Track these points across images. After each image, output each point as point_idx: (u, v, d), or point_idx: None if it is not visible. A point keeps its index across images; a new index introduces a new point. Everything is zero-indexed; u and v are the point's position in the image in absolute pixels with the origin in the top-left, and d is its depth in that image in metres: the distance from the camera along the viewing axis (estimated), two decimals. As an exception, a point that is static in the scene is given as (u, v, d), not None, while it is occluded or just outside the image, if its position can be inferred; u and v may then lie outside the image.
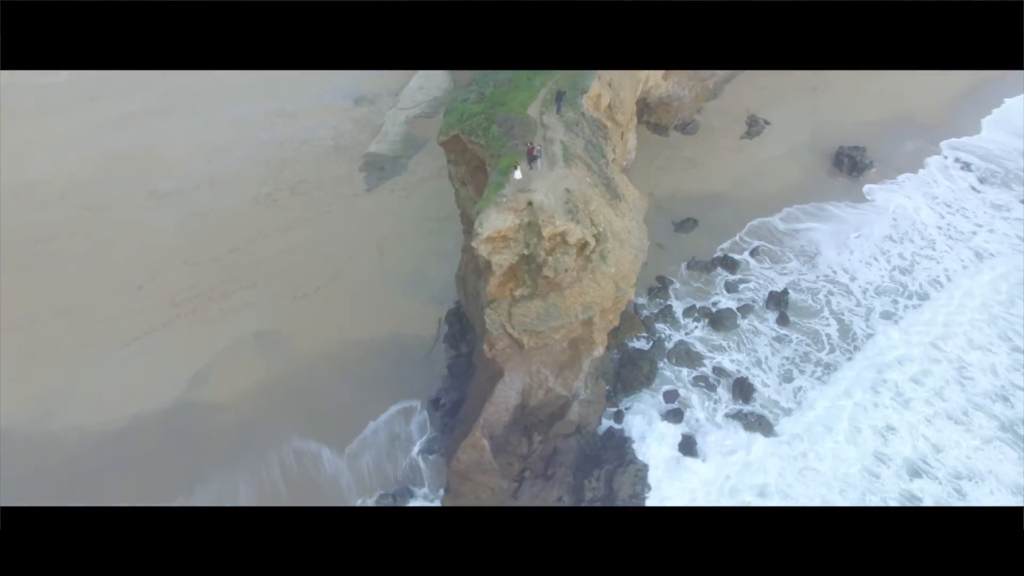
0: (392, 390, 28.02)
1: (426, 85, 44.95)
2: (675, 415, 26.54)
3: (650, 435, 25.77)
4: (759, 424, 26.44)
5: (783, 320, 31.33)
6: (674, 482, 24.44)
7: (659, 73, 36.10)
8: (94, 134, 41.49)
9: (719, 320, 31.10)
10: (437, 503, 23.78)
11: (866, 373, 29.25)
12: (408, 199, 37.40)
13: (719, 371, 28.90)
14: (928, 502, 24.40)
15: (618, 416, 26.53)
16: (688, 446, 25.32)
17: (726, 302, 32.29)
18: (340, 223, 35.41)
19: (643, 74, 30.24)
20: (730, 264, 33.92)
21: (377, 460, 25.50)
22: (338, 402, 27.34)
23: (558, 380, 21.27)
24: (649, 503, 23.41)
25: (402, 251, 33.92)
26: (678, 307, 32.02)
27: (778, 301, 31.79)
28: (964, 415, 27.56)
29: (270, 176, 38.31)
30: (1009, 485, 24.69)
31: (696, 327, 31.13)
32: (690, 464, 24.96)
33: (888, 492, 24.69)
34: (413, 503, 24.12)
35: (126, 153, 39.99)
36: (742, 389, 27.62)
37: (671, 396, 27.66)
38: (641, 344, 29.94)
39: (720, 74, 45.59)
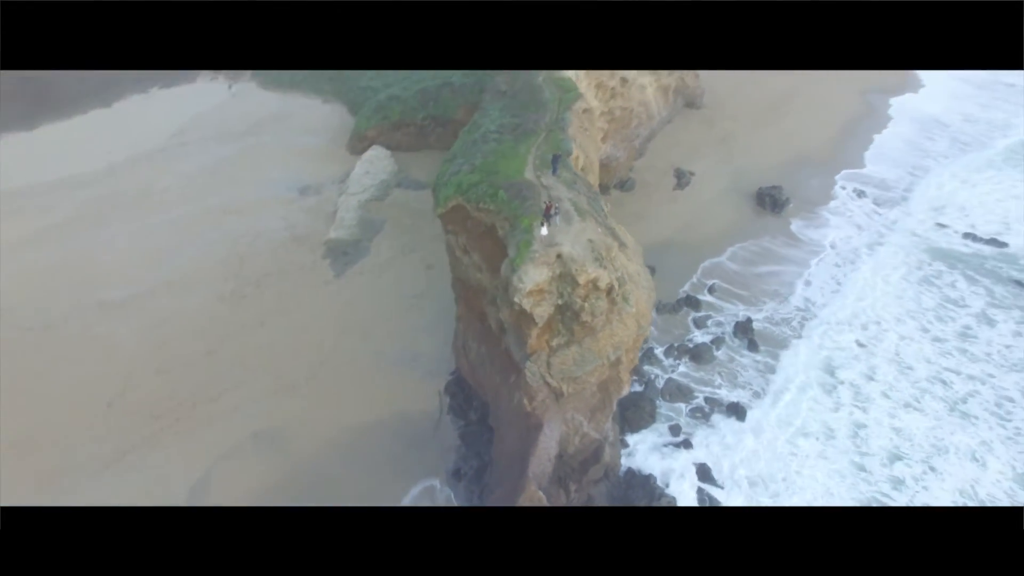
0: (408, 471, 28.83)
1: (372, 170, 47.78)
2: (685, 446, 29.52)
3: (668, 470, 28.45)
4: (756, 438, 30.07)
5: (753, 346, 35.73)
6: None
7: (599, 136, 41.38)
8: (18, 251, 40.18)
9: (698, 355, 35.04)
10: None
11: (821, 377, 34.07)
12: (379, 280, 39.22)
13: (711, 400, 32.52)
14: (909, 482, 28.72)
15: (630, 456, 29.07)
16: (705, 473, 28.25)
17: (699, 337, 36.37)
18: (316, 311, 36.47)
19: (598, 137, 34.90)
20: (694, 303, 38.41)
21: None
22: (355, 492, 27.70)
23: (591, 424, 23.68)
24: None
25: (385, 331, 35.40)
26: (658, 349, 35.63)
27: (745, 330, 36.38)
28: (916, 401, 32.76)
29: (230, 273, 38.83)
30: (967, 453, 30.01)
31: (679, 364, 34.83)
32: (711, 490, 27.77)
33: (878, 479, 28.72)
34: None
35: (61, 266, 39.09)
36: (736, 411, 31.19)
37: (675, 430, 30.76)
38: (635, 387, 32.98)
39: (644, 133, 52.22)
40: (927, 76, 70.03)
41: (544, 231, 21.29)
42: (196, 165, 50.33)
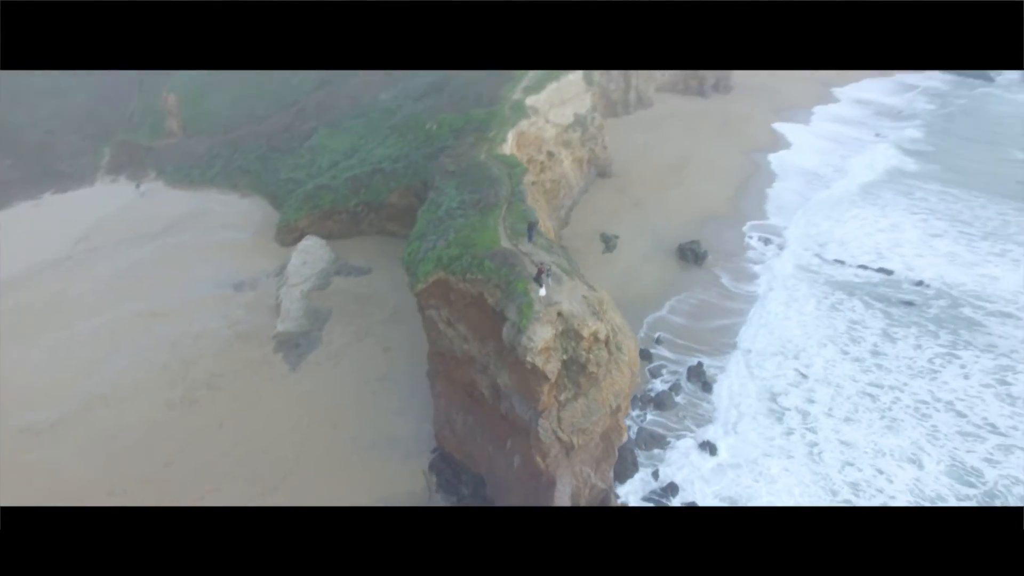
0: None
1: (309, 259, 48.54)
2: (671, 489, 31.99)
3: (661, 510, 30.61)
4: (730, 468, 33.35)
5: (707, 388, 39.59)
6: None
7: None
8: (-88, 383, 36.54)
9: (661, 402, 38.28)
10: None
11: (768, 406, 38.34)
12: (337, 368, 39.53)
13: (684, 442, 35.42)
14: (864, 487, 32.97)
15: (625, 505, 31.07)
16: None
17: (659, 386, 39.75)
18: (277, 407, 36.08)
19: (545, 206, 38.54)
20: (646, 355, 42.01)
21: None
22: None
23: (598, 475, 25.60)
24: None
25: (355, 418, 35.68)
26: (623, 400, 38.49)
27: (697, 374, 40.28)
28: (853, 414, 37.80)
29: (176, 378, 37.59)
30: (904, 455, 34.94)
31: (646, 414, 37.73)
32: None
33: (839, 487, 32.75)
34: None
35: (-31, 394, 35.91)
36: (709, 448, 34.33)
37: (657, 475, 33.16)
38: (612, 439, 35.39)
39: (568, 204, 57.24)
40: (792, 136, 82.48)
41: (543, 292, 23.80)
42: (111, 270, 48.55)
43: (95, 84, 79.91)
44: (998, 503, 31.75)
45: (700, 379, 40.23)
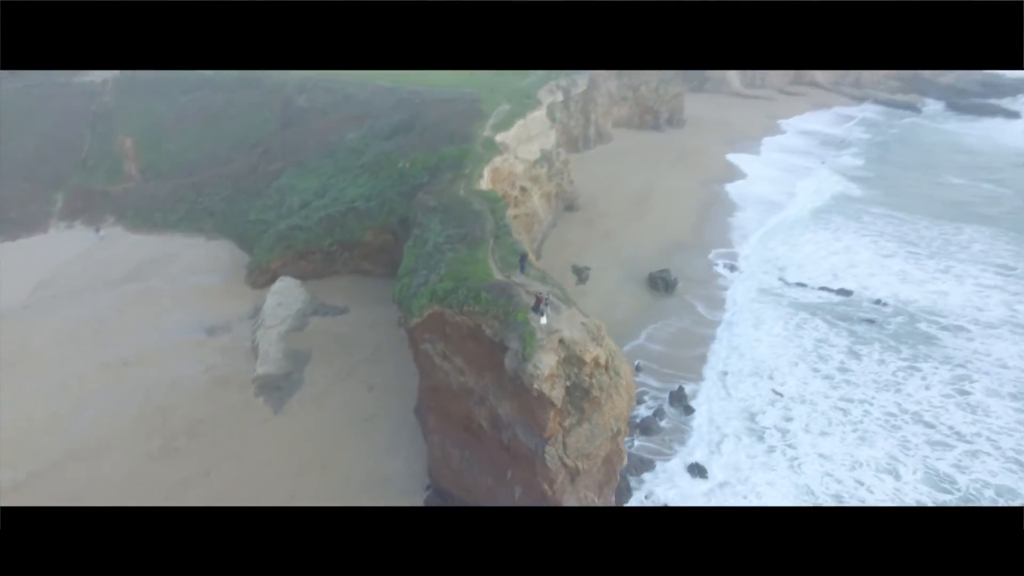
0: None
1: (284, 300, 48.38)
2: (665, 509, 32.84)
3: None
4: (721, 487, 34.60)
5: (689, 411, 41.02)
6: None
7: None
8: None
9: (647, 428, 39.44)
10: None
11: (748, 425, 40.01)
12: (322, 409, 39.36)
13: (672, 465, 36.54)
14: (846, 497, 34.49)
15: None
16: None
17: (643, 412, 40.96)
18: (264, 451, 35.63)
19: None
20: (628, 380, 43.25)
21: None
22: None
23: (601, 499, 26.33)
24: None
25: (345, 459, 35.54)
26: (610, 427, 39.51)
27: (679, 398, 41.71)
28: (828, 429, 39.67)
29: (154, 428, 36.73)
30: (880, 466, 36.84)
31: (633, 440, 38.77)
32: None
33: (822, 498, 34.38)
34: None
35: (-72, 457, 34.19)
36: (698, 470, 35.53)
37: (650, 498, 34.05)
38: (603, 465, 36.25)
39: (539, 237, 58.86)
40: (746, 166, 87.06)
41: (544, 321, 24.81)
42: (74, 318, 47.21)
43: (43, 129, 78.11)
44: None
45: (682, 403, 41.66)
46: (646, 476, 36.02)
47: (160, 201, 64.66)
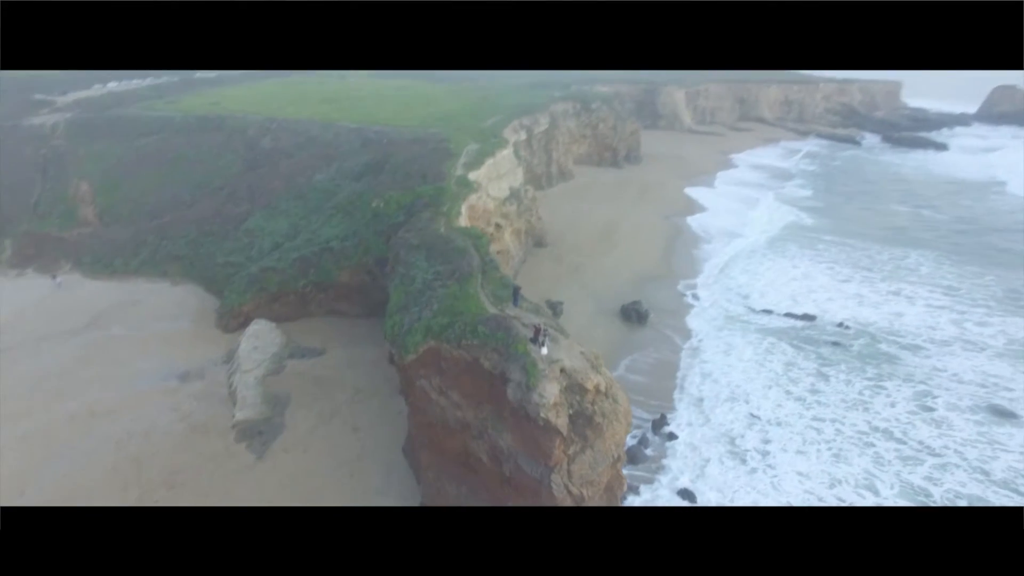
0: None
1: (259, 344, 47.84)
2: (660, 535, 33.58)
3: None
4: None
5: (672, 437, 42.19)
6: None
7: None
8: None
9: (633, 456, 40.32)
10: None
11: (730, 448, 41.44)
12: (307, 453, 38.85)
13: (660, 492, 37.44)
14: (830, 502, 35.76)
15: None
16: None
17: (628, 441, 41.78)
18: (249, 498, 34.84)
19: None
20: (611, 410, 44.25)
21: None
22: None
23: (603, 525, 26.85)
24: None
25: (335, 503, 34.97)
26: (597, 457, 40.25)
27: (660, 425, 42.88)
28: (803, 448, 41.35)
29: (130, 479, 35.54)
30: (859, 480, 38.62)
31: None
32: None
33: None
34: None
35: None
36: (687, 495, 36.50)
37: (644, 525, 34.77)
38: (595, 495, 36.86)
39: (511, 274, 59.95)
40: (704, 199, 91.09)
41: (544, 351, 25.68)
42: (35, 369, 45.45)
43: (-12, 174, 75.80)
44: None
45: (664, 430, 42.84)
46: (637, 502, 36.78)
47: (120, 246, 63.29)
